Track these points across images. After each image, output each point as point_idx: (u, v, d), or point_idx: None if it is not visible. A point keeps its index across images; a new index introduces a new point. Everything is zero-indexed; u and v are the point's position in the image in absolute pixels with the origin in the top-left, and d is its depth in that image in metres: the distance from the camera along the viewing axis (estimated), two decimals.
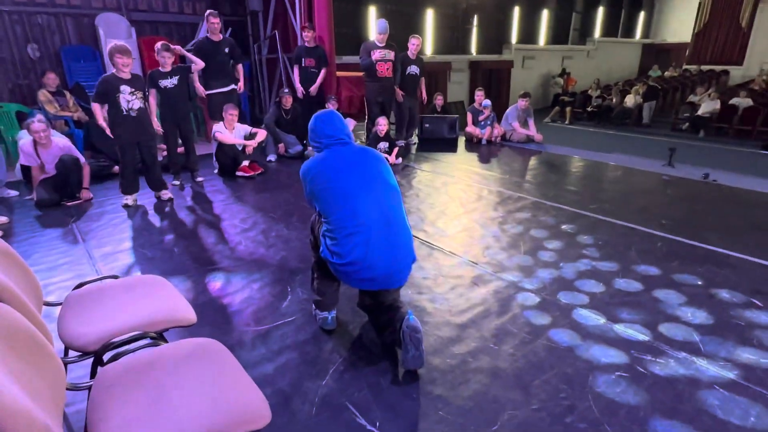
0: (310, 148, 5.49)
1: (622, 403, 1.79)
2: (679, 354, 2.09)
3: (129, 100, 3.78)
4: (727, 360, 2.05)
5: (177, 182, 4.71)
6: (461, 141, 6.92)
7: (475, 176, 5.14)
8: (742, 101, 11.87)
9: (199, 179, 4.82)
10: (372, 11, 11.27)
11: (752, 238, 3.37)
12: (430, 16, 12.85)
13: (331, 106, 6.04)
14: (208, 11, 5.21)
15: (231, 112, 5.05)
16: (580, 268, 2.91)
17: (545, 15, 16.52)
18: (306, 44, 5.94)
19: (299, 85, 6.00)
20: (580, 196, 4.45)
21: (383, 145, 5.51)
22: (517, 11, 15.34)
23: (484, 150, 6.48)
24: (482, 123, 6.82)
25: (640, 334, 2.23)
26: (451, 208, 4.03)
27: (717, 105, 11.81)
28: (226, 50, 5.36)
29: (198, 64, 4.85)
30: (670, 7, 21.63)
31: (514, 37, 15.61)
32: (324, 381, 1.93)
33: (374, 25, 6.06)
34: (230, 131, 5.08)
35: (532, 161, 5.94)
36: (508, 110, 6.97)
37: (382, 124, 5.55)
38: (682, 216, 3.85)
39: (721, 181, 4.84)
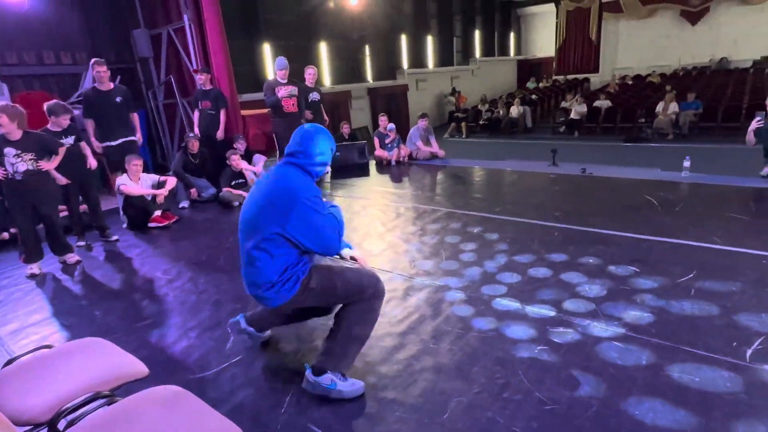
0: (225, 190, 5.44)
1: (546, 371, 2.09)
2: (584, 321, 2.46)
3: (13, 162, 3.52)
4: (619, 320, 2.46)
5: (83, 243, 4.40)
6: (372, 165, 7.26)
7: (390, 196, 5.44)
8: (603, 103, 13.76)
9: (113, 238, 4.53)
10: (266, 48, 11.42)
11: (625, 217, 4.01)
12: (324, 49, 13.30)
13: (240, 145, 6.05)
14: (93, 60, 5.00)
15: (135, 163, 4.86)
16: (496, 264, 3.27)
17: (430, 40, 17.86)
18: (202, 87, 5.94)
19: (196, 129, 5.99)
20: (485, 201, 4.92)
21: None
22: (404, 39, 16.41)
23: (394, 171, 6.86)
24: (389, 146, 7.22)
25: (551, 312, 2.58)
26: (374, 229, 4.25)
27: (584, 108, 13.57)
28: (119, 99, 5.17)
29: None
30: (534, 27, 24.47)
31: (405, 62, 16.64)
32: (283, 409, 1.99)
33: (272, 63, 6.22)
34: (136, 182, 4.88)
35: (440, 175, 6.42)
36: (410, 131, 7.46)
37: None
38: (570, 207, 4.45)
39: (596, 173, 5.65)
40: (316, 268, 2.08)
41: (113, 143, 5.18)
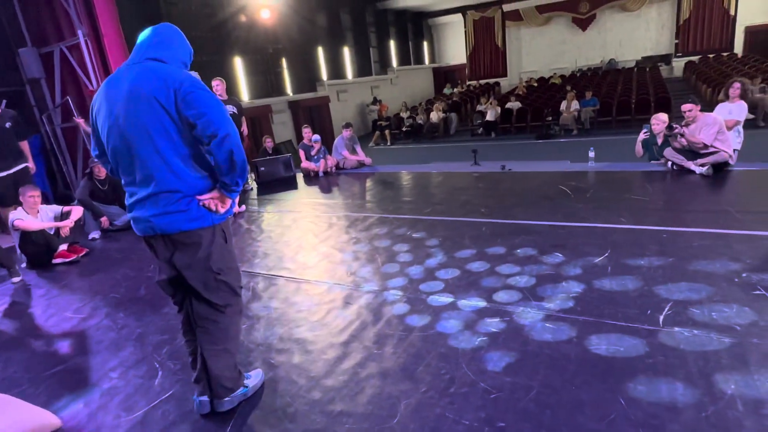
0: None
1: (488, 361, 2.14)
2: (517, 308, 2.57)
3: None
4: (549, 303, 2.59)
5: None
6: (299, 177, 7.13)
7: (320, 207, 5.37)
8: (514, 104, 14.68)
9: (15, 280, 4.01)
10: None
11: (544, 207, 4.27)
12: (239, 63, 12.93)
13: None
14: None
15: (30, 194, 4.37)
16: (431, 263, 3.32)
17: (347, 52, 18.03)
18: None
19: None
20: (414, 204, 5.01)
21: None
22: (321, 51, 16.42)
23: (322, 182, 6.79)
24: (315, 157, 7.14)
25: (487, 303, 2.67)
26: (307, 241, 4.16)
27: (498, 110, 14.38)
28: (8, 125, 4.65)
29: None
30: (445, 36, 25.59)
31: (324, 74, 16.64)
32: None
33: None
34: (34, 216, 4.38)
35: (368, 183, 6.45)
36: (335, 141, 7.44)
37: None
38: (494, 202, 4.66)
39: (515, 169, 5.98)
40: None
41: (3, 173, 4.62)
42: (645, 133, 5.37)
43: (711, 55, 18.28)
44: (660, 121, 5.31)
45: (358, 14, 18.50)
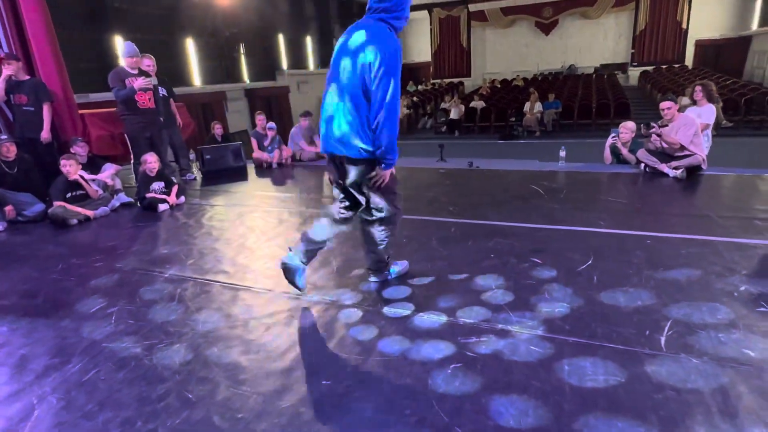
0: (56, 204, 4.30)
1: (465, 396, 1.72)
2: (496, 326, 2.17)
3: None
4: (533, 319, 2.21)
5: None
6: (251, 168, 6.52)
7: (272, 201, 4.82)
8: (478, 104, 14.53)
9: None
10: (118, 42, 9.90)
11: (517, 207, 3.93)
12: (191, 46, 12.03)
13: (79, 149, 4.92)
14: None
15: None
16: (394, 269, 2.87)
17: (309, 41, 17.35)
18: (14, 78, 4.70)
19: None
20: None
21: (158, 185, 4.71)
22: (282, 39, 15.66)
23: (276, 173, 6.21)
24: (269, 147, 6.54)
25: (460, 319, 2.25)
26: (252, 240, 3.61)
27: (462, 108, 14.18)
28: None
29: None
30: (410, 33, 25.25)
31: (285, 63, 15.90)
32: None
33: (122, 52, 5.19)
34: None
35: (327, 176, 5.92)
36: (292, 131, 6.88)
37: (152, 161, 4.73)
38: (463, 201, 4.28)
39: (482, 167, 5.65)
40: None
41: None
42: (613, 137, 5.17)
43: (664, 66, 18.93)
44: (628, 129, 5.13)
45: (322, 3, 17.84)
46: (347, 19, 19.75)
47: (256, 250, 3.40)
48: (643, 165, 4.77)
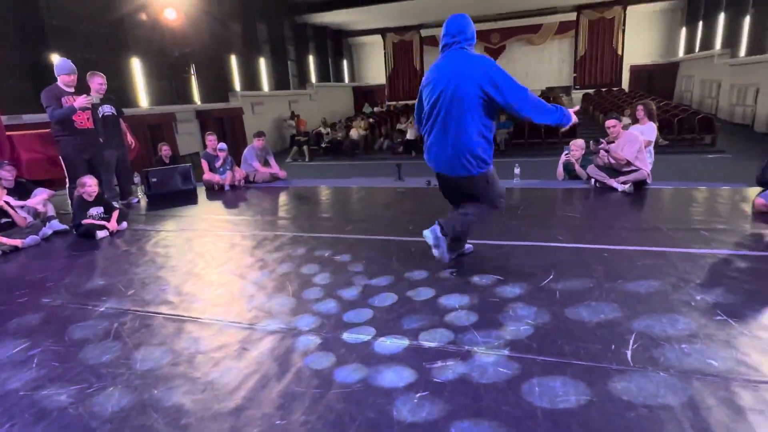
0: None
1: (433, 427, 1.59)
2: (462, 348, 2.07)
3: None
4: (499, 339, 2.13)
5: None
6: (201, 191, 6.22)
7: (223, 224, 4.57)
8: None
9: None
10: (56, 60, 9.35)
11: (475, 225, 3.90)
12: (137, 65, 11.57)
13: (5, 173, 4.50)
14: None
15: None
16: (354, 291, 2.74)
17: (263, 63, 17.18)
18: None
19: None
20: (334, 221, 4.43)
21: (96, 210, 4.36)
22: (235, 60, 15.43)
23: (229, 196, 5.95)
24: (220, 169, 6.28)
25: (424, 342, 2.14)
26: (200, 267, 3.37)
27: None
28: None
29: None
30: (365, 56, 25.71)
31: (238, 84, 15.64)
32: None
33: (57, 69, 4.84)
34: None
35: (282, 197, 5.75)
36: (245, 152, 6.64)
37: (91, 185, 4.38)
38: (422, 219, 4.20)
39: None
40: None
41: None
42: (566, 154, 5.33)
43: (604, 89, 20.15)
44: (578, 147, 5.32)
45: (276, 26, 17.80)
46: (301, 41, 19.81)
47: (205, 276, 3.16)
48: (593, 180, 4.92)
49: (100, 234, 4.21)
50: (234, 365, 2.06)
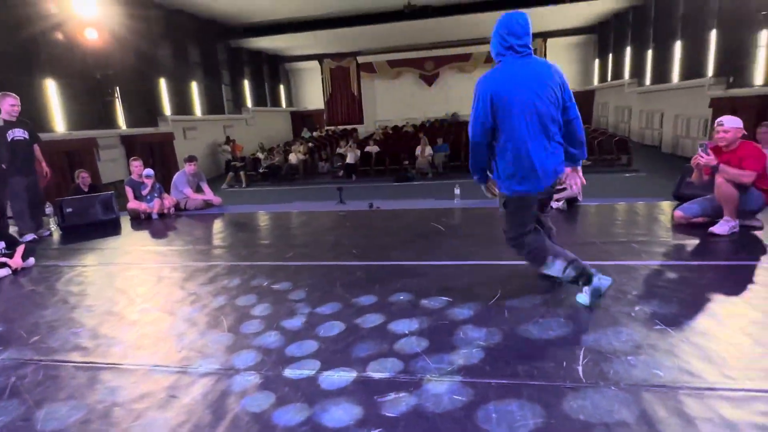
0: None
1: None
2: (414, 377, 1.96)
3: None
4: (451, 364, 2.04)
5: None
6: (126, 221, 5.73)
7: (150, 256, 4.20)
8: (373, 148, 14.92)
9: None
10: None
11: (421, 246, 3.87)
12: (52, 87, 10.69)
13: None
14: None
15: None
16: (297, 324, 2.55)
17: (195, 87, 16.59)
18: None
19: None
20: (274, 248, 4.21)
21: None
22: (164, 83, 14.76)
23: (157, 225, 5.52)
24: (147, 196, 5.84)
25: (374, 374, 2.00)
26: (121, 305, 3.02)
27: (358, 153, 14.42)
28: None
29: None
30: (303, 81, 25.69)
31: (168, 108, 14.93)
32: None
33: None
34: None
35: (217, 225, 5.41)
36: (175, 178, 6.24)
37: None
38: (366, 243, 4.12)
39: (383, 207, 5.60)
40: None
41: None
42: None
43: None
44: None
45: (208, 50, 17.32)
46: (236, 66, 19.41)
47: (127, 315, 2.83)
48: None
49: (2, 273, 3.70)
50: (160, 416, 1.80)
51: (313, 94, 24.90)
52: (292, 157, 14.95)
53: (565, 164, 2.57)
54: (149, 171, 5.85)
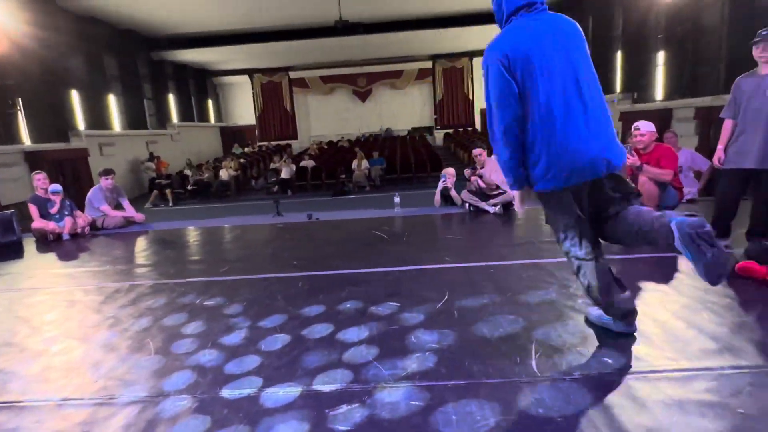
0: None
1: None
2: (367, 386, 1.83)
3: None
4: (406, 369, 1.94)
5: None
6: (30, 242, 5.08)
7: (59, 279, 3.72)
8: (308, 163, 14.69)
9: None
10: None
11: (364, 254, 3.77)
12: None
13: None
14: None
15: None
16: (235, 340, 2.33)
17: (113, 100, 15.47)
18: None
19: None
20: (206, 263, 3.90)
21: None
22: (76, 95, 13.60)
23: (68, 246, 4.94)
24: (56, 215, 5.23)
25: (323, 386, 1.85)
26: (22, 335, 2.60)
27: (293, 168, 14.12)
28: None
29: None
30: (232, 96, 24.90)
31: (81, 123, 13.75)
32: None
33: None
34: None
35: (140, 243, 4.96)
36: (89, 194, 5.66)
37: None
38: (307, 253, 3.94)
39: (322, 218, 5.45)
40: None
41: None
42: (443, 182, 5.58)
43: (461, 129, 22.33)
44: (451, 174, 5.63)
45: (128, 62, 16.25)
46: (160, 79, 18.39)
47: (30, 346, 2.44)
48: (467, 205, 5.18)
49: None
50: None
51: (243, 110, 24.18)
52: (223, 173, 14.31)
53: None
54: (56, 187, 5.25)
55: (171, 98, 19.41)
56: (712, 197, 3.90)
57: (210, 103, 23.33)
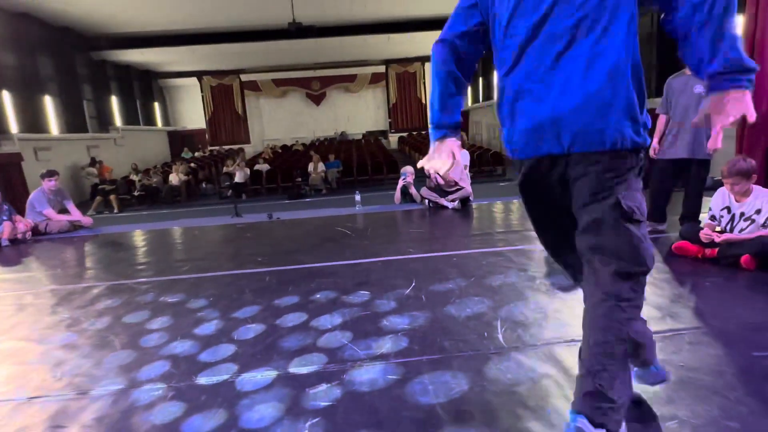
0: None
1: None
2: (345, 365, 1.88)
3: None
4: (380, 348, 2.01)
5: None
6: None
7: (3, 285, 3.49)
8: (263, 167, 14.44)
9: None
10: None
11: (330, 248, 3.80)
12: None
13: None
14: None
15: None
16: (206, 331, 2.30)
17: (50, 102, 14.54)
18: None
19: None
20: (164, 263, 3.79)
21: None
22: (7, 96, 12.69)
23: (8, 252, 4.63)
24: None
25: (302, 368, 1.88)
26: None
27: (247, 171, 13.83)
28: None
29: None
30: (180, 99, 24.03)
31: (13, 126, 12.83)
32: None
33: None
34: None
35: (89, 247, 4.72)
36: (31, 197, 5.33)
37: None
38: (271, 250, 3.92)
39: (283, 217, 5.41)
40: None
41: None
42: (403, 179, 5.70)
43: (415, 132, 22.72)
44: (411, 172, 5.77)
45: (65, 61, 15.33)
46: (101, 80, 17.47)
47: None
48: (427, 201, 5.33)
49: None
50: None
51: (193, 113, 23.38)
52: (173, 178, 13.78)
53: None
54: None
55: (114, 100, 18.49)
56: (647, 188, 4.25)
57: (156, 106, 22.40)
